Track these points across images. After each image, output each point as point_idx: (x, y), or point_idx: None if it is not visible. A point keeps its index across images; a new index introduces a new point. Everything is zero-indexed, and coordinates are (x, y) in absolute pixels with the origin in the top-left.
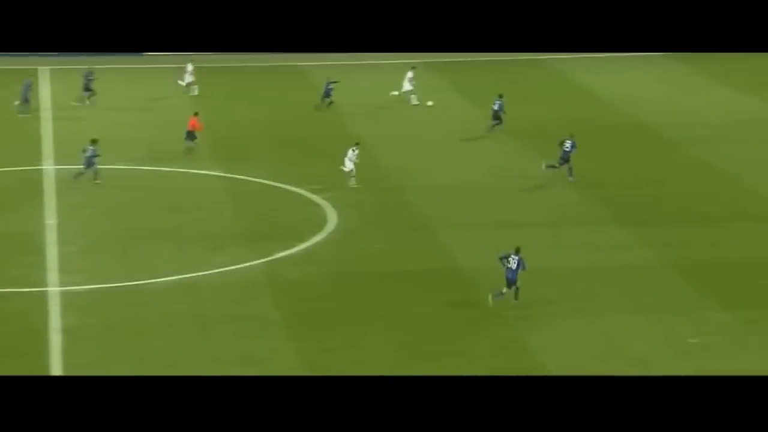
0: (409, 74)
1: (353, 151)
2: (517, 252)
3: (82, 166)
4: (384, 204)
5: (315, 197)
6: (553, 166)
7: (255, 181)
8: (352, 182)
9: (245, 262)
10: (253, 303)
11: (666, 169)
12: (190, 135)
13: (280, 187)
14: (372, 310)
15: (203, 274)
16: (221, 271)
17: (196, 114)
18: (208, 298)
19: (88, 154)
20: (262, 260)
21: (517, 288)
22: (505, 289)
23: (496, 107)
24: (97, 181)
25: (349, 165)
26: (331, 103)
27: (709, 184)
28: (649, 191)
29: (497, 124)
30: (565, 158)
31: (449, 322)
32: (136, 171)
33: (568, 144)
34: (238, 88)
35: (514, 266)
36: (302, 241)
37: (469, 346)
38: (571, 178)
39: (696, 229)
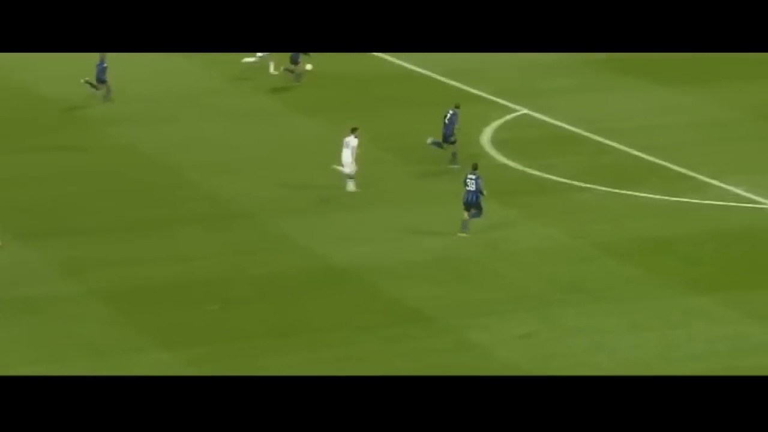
0: None
1: (354, 138)
2: (474, 169)
3: None
4: None
5: None
6: (438, 145)
7: None
8: (351, 186)
9: None
10: None
11: (79, 158)
12: None
13: None
14: None
15: None
16: None
17: None
18: None
19: None
20: None
21: (476, 212)
22: (465, 215)
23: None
24: None
25: (348, 161)
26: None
27: (140, 177)
28: (48, 193)
29: (98, 90)
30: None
31: None
32: None
33: (449, 113)
34: None
35: (472, 187)
36: None
37: None
38: (454, 165)
39: (117, 240)
